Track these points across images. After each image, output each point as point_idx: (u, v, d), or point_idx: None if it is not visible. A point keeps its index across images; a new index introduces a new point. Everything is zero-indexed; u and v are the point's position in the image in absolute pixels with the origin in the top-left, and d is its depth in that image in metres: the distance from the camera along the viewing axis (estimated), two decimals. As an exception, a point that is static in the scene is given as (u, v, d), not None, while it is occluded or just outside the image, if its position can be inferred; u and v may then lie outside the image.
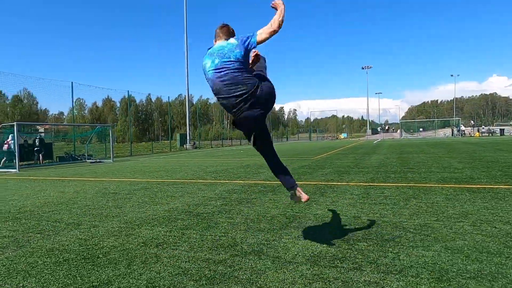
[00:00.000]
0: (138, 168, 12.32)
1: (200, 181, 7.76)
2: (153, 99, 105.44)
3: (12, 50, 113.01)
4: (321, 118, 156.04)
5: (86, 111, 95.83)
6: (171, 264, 2.67)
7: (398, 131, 61.51)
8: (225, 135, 76.67)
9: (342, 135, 69.85)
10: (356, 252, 2.78)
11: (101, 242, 3.33)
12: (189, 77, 32.61)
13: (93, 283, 2.38)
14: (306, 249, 2.92)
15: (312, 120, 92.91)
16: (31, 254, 3.06)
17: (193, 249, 3.03)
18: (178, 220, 4.11)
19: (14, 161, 13.25)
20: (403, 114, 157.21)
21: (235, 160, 14.29)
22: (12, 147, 14.97)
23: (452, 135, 48.54)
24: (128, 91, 25.35)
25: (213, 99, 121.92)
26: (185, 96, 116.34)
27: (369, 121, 76.80)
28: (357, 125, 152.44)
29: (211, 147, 32.92)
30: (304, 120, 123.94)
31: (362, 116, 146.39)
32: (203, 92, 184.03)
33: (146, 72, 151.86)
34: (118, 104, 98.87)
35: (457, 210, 4.11)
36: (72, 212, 4.87)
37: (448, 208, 4.23)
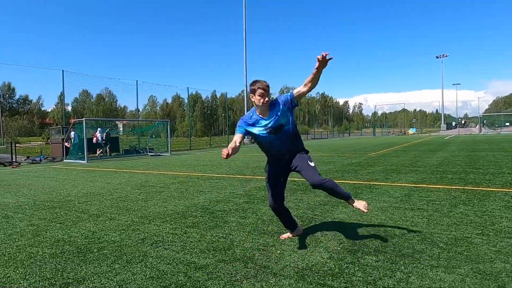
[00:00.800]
0: (189, 162, 12.69)
1: (238, 176, 7.63)
2: (218, 95, 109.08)
3: (89, 51, 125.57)
4: (390, 112, 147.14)
5: (158, 108, 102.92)
6: (151, 266, 2.53)
7: (477, 125, 55.10)
8: (286, 130, 76.55)
9: (411, 130, 64.80)
10: (357, 268, 2.35)
11: (105, 236, 3.34)
12: (247, 72, 32.85)
13: (68, 280, 2.34)
14: (302, 259, 2.56)
15: (379, 114, 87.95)
16: (38, 244, 3.18)
17: (184, 250, 2.86)
18: (189, 217, 3.99)
19: (80, 153, 14.61)
20: (487, 107, 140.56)
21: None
22: (100, 140, 16.70)
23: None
24: (188, 87, 26.53)
25: (274, 95, 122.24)
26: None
27: (443, 114, 70.12)
28: (430, 119, 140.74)
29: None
30: (371, 115, 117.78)
31: (436, 110, 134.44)
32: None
33: (211, 69, 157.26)
34: (186, 101, 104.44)
35: (514, 222, 3.35)
36: (102, 203, 5.06)
37: (503, 219, 3.47)
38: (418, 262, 2.42)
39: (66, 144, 15.90)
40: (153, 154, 18.14)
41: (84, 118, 14.42)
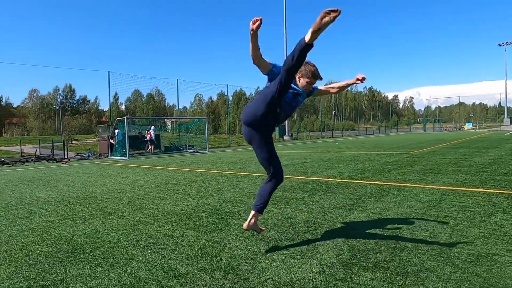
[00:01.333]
0: (223, 159, 12.74)
1: (264, 175, 7.44)
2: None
3: (134, 51, 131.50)
4: (445, 106, 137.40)
5: (203, 105, 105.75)
6: (131, 271, 2.44)
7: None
8: (331, 126, 74.55)
9: (467, 126, 59.81)
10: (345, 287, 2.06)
11: (105, 236, 3.34)
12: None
13: (47, 282, 2.32)
14: (288, 272, 2.31)
15: (433, 109, 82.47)
16: (42, 241, 3.25)
17: (172, 254, 2.75)
18: (195, 218, 3.89)
19: (123, 150, 15.31)
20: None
21: (319, 152, 13.51)
22: (153, 137, 17.70)
23: None
24: (227, 85, 26.69)
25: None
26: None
27: (507, 108, 63.89)
28: (492, 113, 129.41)
29: (309, 139, 32.26)
30: (423, 109, 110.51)
31: (499, 103, 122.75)
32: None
33: (249, 66, 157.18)
34: (230, 98, 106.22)
35: (561, 237, 2.79)
36: (121, 201, 5.16)
37: (547, 232, 2.92)
38: (421, 283, 2.06)
39: (111, 141, 16.79)
40: (192, 151, 18.54)
41: (125, 117, 15.09)
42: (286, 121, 31.44)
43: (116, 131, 16.35)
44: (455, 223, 3.27)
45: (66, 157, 15.49)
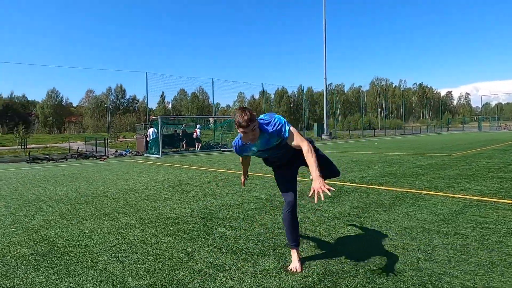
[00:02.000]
0: (251, 159, 12.57)
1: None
2: (305, 90, 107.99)
3: (170, 52, 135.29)
4: (507, 103, 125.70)
5: (246, 103, 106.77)
6: (82, 281, 2.34)
7: None
8: (376, 125, 71.40)
9: (533, 124, 53.96)
10: (291, 320, 1.76)
11: (85, 239, 3.31)
12: (327, 65, 31.58)
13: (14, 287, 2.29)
14: (238, 295, 2.06)
15: (493, 105, 75.84)
16: (25, 243, 3.30)
17: (134, 264, 2.61)
18: (182, 224, 3.75)
19: (152, 147, 15.75)
20: None
21: (353, 153, 12.84)
22: (199, 135, 18.34)
23: None
24: (262, 83, 26.48)
25: (364, 87, 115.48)
26: (335, 85, 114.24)
27: None
28: None
29: (349, 138, 31.04)
30: (481, 106, 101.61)
31: None
32: (355, 80, 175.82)
33: (287, 64, 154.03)
34: (272, 96, 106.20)
35: None
36: (126, 201, 5.18)
37: None
38: (382, 322, 1.71)
39: (148, 139, 17.39)
40: (225, 149, 18.63)
41: (159, 116, 15.51)
42: (325, 120, 30.61)
43: (151, 129, 16.88)
44: (463, 243, 2.79)
45: (105, 154, 16.30)
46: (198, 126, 19.56)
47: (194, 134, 19.06)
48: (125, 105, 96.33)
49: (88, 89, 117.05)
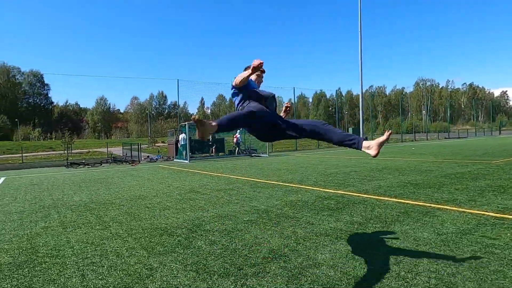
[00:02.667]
0: (273, 165, 12.40)
1: (295, 186, 6.90)
2: (344, 93, 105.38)
3: (200, 58, 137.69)
4: None
5: (282, 108, 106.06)
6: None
7: None
8: (420, 128, 67.65)
9: None
10: None
11: (66, 249, 3.35)
12: (366, 67, 30.36)
13: (-43, 299, 2.34)
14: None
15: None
16: (12, 251, 3.40)
17: (93, 279, 2.57)
18: (165, 236, 3.68)
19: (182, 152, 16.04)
20: None
21: (382, 159, 12.18)
22: (240, 140, 18.74)
23: None
24: (294, 88, 26.17)
25: (408, 88, 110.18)
26: (376, 87, 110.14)
27: None
28: None
29: (387, 143, 29.69)
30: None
31: None
32: (398, 81, 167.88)
33: (321, 66, 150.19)
34: (310, 100, 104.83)
35: None
36: (128, 209, 5.25)
37: None
38: None
39: (178, 144, 17.82)
40: (254, 154, 18.58)
41: (186, 122, 15.81)
42: (361, 124, 29.52)
43: (181, 135, 17.26)
44: (452, 272, 2.42)
45: (138, 159, 16.92)
46: (238, 131, 19.72)
47: (235, 139, 19.32)
48: (166, 111, 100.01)
49: (133, 96, 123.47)
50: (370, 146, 2.50)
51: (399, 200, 4.97)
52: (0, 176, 12.62)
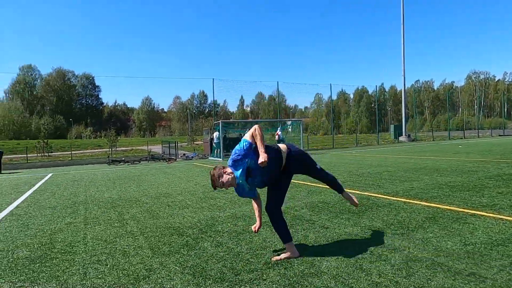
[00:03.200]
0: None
1: (320, 186, 6.66)
2: (387, 88, 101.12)
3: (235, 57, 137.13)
4: None
5: (323, 105, 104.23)
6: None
7: None
8: (472, 124, 63.00)
9: None
10: None
11: (80, 246, 3.46)
12: (405, 61, 29.06)
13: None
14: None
15: None
16: (33, 245, 3.58)
17: (94, 278, 2.60)
18: (176, 235, 3.68)
19: (217, 150, 16.21)
20: None
21: (422, 158, 11.43)
22: (281, 137, 19.05)
23: None
24: (330, 84, 25.45)
25: (459, 82, 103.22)
26: (422, 81, 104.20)
27: None
28: None
29: (432, 140, 27.89)
30: None
31: None
32: (448, 75, 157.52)
33: (359, 62, 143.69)
34: (351, 96, 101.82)
35: None
36: (150, 207, 5.36)
37: None
38: None
39: (212, 142, 18.09)
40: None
41: (220, 121, 15.97)
42: (403, 121, 28.08)
43: (215, 133, 17.50)
44: (475, 283, 2.13)
45: (174, 157, 17.41)
46: (279, 128, 19.83)
47: (276, 136, 19.42)
48: (207, 109, 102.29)
49: (175, 95, 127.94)
50: None
51: (429, 204, 4.58)
52: (49, 172, 13.61)
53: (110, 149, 24.55)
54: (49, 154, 25.33)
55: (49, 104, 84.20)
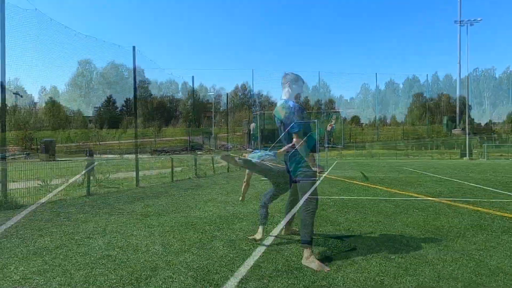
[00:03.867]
0: (348, 156, 11.59)
1: (356, 183, 6.25)
2: (441, 78, 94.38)
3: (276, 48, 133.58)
4: None
5: (369, 96, 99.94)
6: (57, 280, 2.39)
7: None
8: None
9: None
10: None
11: (102, 237, 3.47)
12: (461, 47, 26.69)
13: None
14: None
15: None
16: (59, 234, 3.67)
17: (99, 275, 2.55)
18: (193, 231, 3.57)
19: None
20: None
21: (474, 153, 10.38)
22: (334, 129, 18.81)
23: None
24: (376, 73, 24.11)
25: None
26: (482, 70, 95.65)
27: None
28: None
29: (492, 133, 25.42)
30: None
31: None
32: (498, 63, 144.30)
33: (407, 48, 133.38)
34: (401, 86, 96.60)
35: None
36: (178, 198, 5.34)
37: None
38: None
39: (249, 134, 18.04)
40: (327, 146, 17.78)
41: (258, 112, 15.79)
42: (457, 112, 25.94)
43: (252, 124, 17.38)
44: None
45: (212, 148, 17.64)
46: (334, 119, 19.37)
47: (329, 127, 18.89)
48: (249, 101, 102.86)
49: (220, 87, 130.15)
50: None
51: (476, 208, 4.03)
52: (96, 160, 14.39)
53: (155, 139, 25.55)
54: (100, 142, 26.99)
55: (104, 95, 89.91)
